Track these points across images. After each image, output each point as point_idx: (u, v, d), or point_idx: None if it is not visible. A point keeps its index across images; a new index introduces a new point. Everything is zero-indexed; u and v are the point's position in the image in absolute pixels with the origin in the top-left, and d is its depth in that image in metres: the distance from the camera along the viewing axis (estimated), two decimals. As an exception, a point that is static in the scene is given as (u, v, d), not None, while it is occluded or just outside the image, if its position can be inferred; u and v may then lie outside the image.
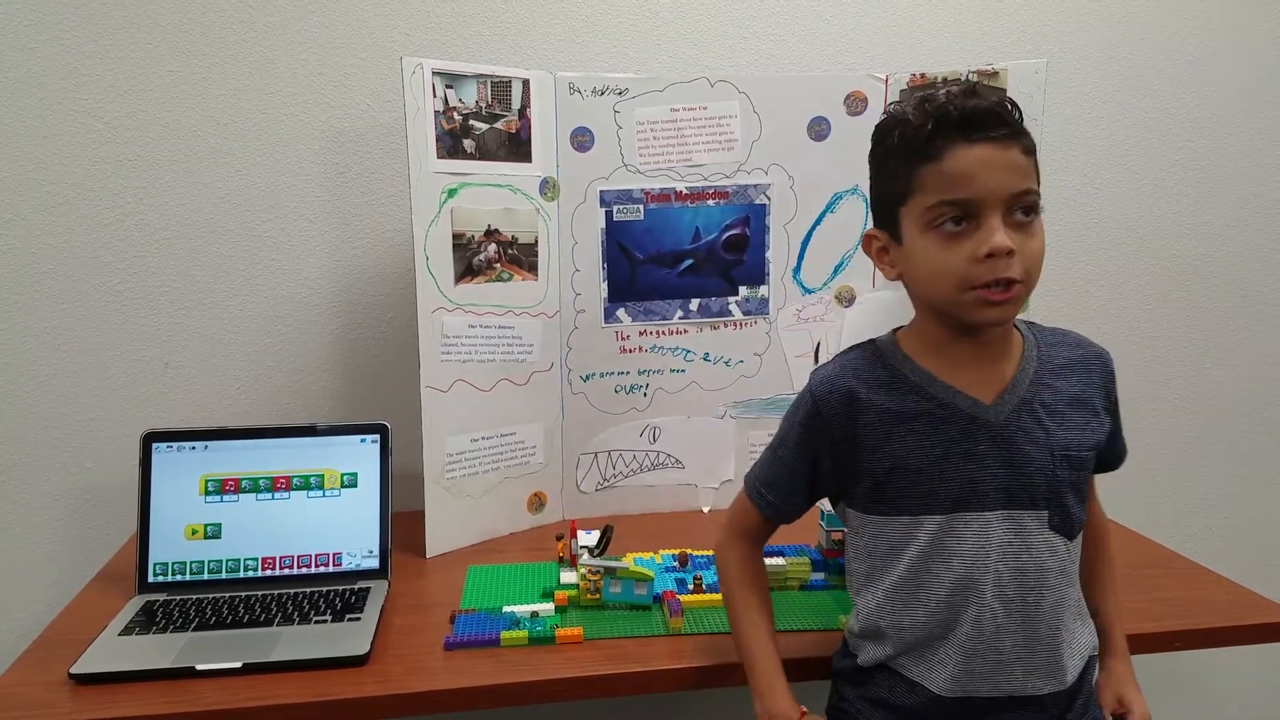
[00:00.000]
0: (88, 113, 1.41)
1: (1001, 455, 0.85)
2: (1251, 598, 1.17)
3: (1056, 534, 0.87)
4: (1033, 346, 0.90)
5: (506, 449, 1.40)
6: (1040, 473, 0.86)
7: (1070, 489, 0.88)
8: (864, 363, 0.91)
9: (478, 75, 1.30)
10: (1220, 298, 1.77)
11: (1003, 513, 0.86)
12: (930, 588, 0.87)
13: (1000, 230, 0.79)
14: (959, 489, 0.86)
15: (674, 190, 1.42)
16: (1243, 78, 1.70)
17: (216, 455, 1.22)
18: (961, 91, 0.81)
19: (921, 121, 0.81)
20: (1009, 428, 0.86)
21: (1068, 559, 0.88)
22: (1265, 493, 1.85)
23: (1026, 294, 0.82)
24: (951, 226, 0.80)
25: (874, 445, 0.88)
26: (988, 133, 0.79)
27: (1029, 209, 0.81)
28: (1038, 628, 0.86)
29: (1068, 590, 0.89)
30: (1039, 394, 0.88)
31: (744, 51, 1.56)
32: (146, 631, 1.07)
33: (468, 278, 1.33)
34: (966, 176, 0.79)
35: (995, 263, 0.79)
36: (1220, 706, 1.88)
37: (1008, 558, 0.86)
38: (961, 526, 0.86)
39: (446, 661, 1.03)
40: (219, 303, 1.49)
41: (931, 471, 0.86)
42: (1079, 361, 0.91)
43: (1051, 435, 0.87)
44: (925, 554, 0.87)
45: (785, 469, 0.94)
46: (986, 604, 0.85)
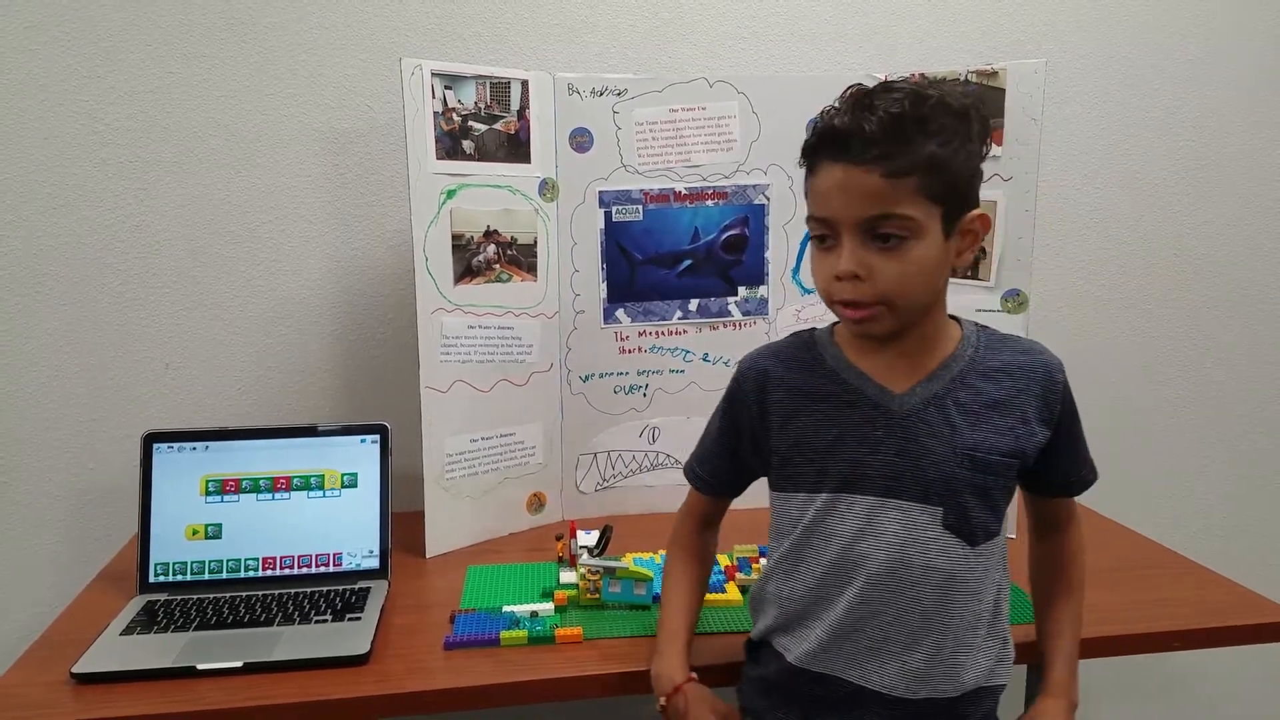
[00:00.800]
0: (88, 114, 1.41)
1: (897, 444, 0.86)
2: (1251, 598, 1.18)
3: (952, 535, 0.86)
4: (969, 347, 0.89)
5: (506, 449, 1.40)
6: (936, 467, 0.85)
7: (972, 491, 0.86)
8: (791, 347, 0.94)
9: (477, 76, 1.31)
10: (1220, 297, 1.77)
11: (891, 501, 0.86)
12: (809, 562, 0.90)
13: (847, 254, 0.80)
14: (847, 469, 0.87)
15: (673, 191, 1.42)
16: (1243, 77, 1.70)
17: (217, 456, 1.22)
18: (855, 103, 0.80)
19: (813, 132, 0.83)
20: (911, 419, 0.86)
21: (965, 565, 0.86)
22: (1264, 493, 1.85)
23: (891, 314, 0.82)
24: (819, 243, 0.84)
25: (781, 423, 0.91)
26: (849, 155, 0.78)
27: (887, 236, 0.79)
28: (918, 627, 0.86)
29: (964, 599, 0.86)
30: (955, 392, 0.87)
31: (743, 52, 1.57)
32: (148, 631, 1.07)
33: (467, 278, 1.33)
34: (824, 196, 0.81)
35: (843, 284, 0.81)
36: (1220, 707, 1.88)
37: (892, 548, 0.86)
38: (844, 507, 0.87)
39: (446, 661, 1.04)
40: (219, 304, 1.49)
41: (826, 451, 0.88)
42: (1018, 367, 0.88)
43: (958, 433, 0.85)
44: (808, 529, 0.89)
45: (713, 443, 0.99)
46: (862, 588, 0.86)
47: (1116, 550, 1.35)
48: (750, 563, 1.23)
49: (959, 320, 0.91)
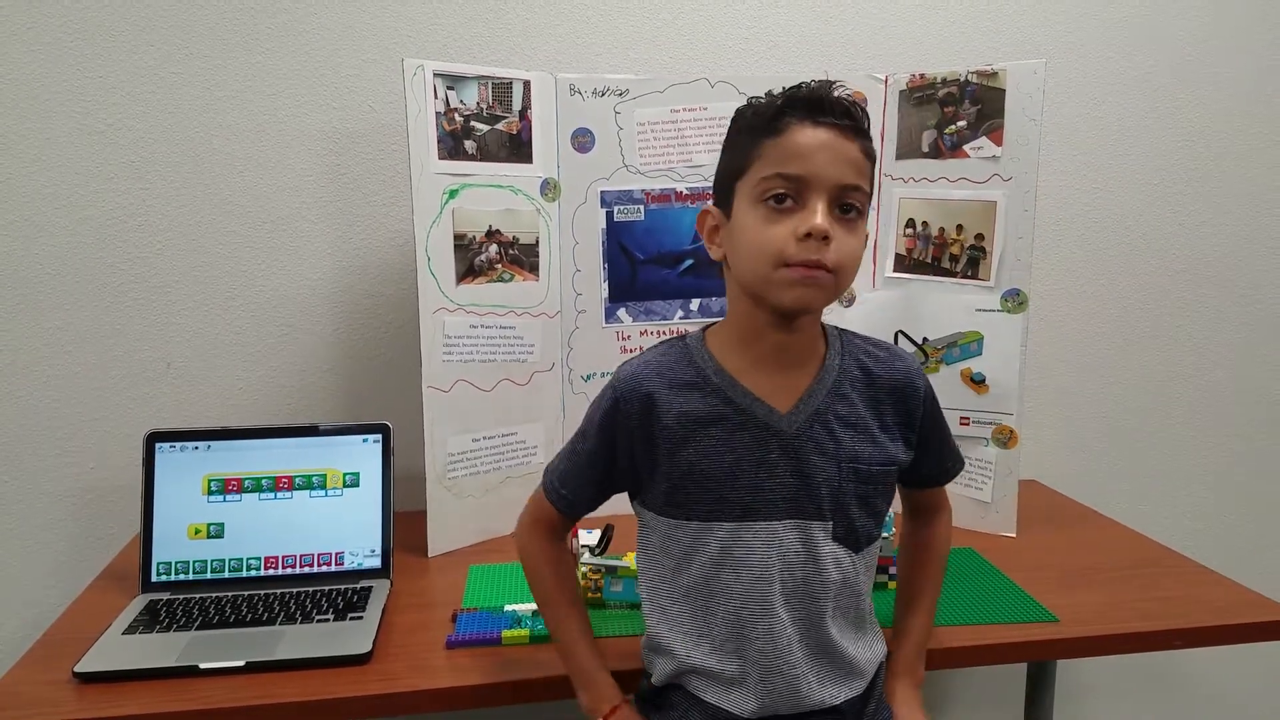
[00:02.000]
0: (90, 115, 1.42)
1: (791, 465, 0.86)
2: (1250, 596, 1.18)
3: (840, 545, 0.87)
4: (835, 355, 0.90)
5: (508, 449, 1.40)
6: (827, 484, 0.86)
7: (857, 502, 0.88)
8: (670, 361, 0.90)
9: (479, 77, 1.31)
10: (1219, 297, 1.77)
11: (790, 522, 0.86)
12: (721, 597, 0.87)
13: (823, 214, 0.80)
14: (749, 497, 0.86)
15: (674, 191, 1.42)
16: (1242, 78, 1.70)
17: (219, 455, 1.23)
18: (820, 82, 0.83)
19: (773, 99, 0.83)
20: (800, 438, 0.86)
21: (852, 571, 0.89)
22: (1264, 492, 1.85)
23: (835, 288, 0.83)
24: (775, 203, 0.81)
25: (671, 449, 0.87)
26: (833, 118, 0.81)
27: (851, 207, 0.82)
28: (825, 638, 0.88)
29: (852, 600, 0.90)
30: (834, 405, 0.87)
31: (744, 53, 1.57)
32: (150, 630, 1.08)
33: (469, 278, 1.33)
34: (802, 154, 0.80)
35: (810, 244, 0.79)
36: (1219, 705, 1.88)
37: (794, 568, 0.86)
38: (750, 535, 0.86)
39: (448, 660, 1.04)
40: (221, 303, 1.50)
41: (723, 478, 0.86)
42: (879, 376, 0.90)
43: (841, 447, 0.87)
44: (716, 561, 0.87)
45: (583, 464, 0.93)
46: (776, 615, 0.86)
47: (1115, 549, 1.35)
48: None
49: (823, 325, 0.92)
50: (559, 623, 0.96)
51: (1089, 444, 1.77)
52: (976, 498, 1.42)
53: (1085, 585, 1.22)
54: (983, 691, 1.78)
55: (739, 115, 0.88)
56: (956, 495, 1.43)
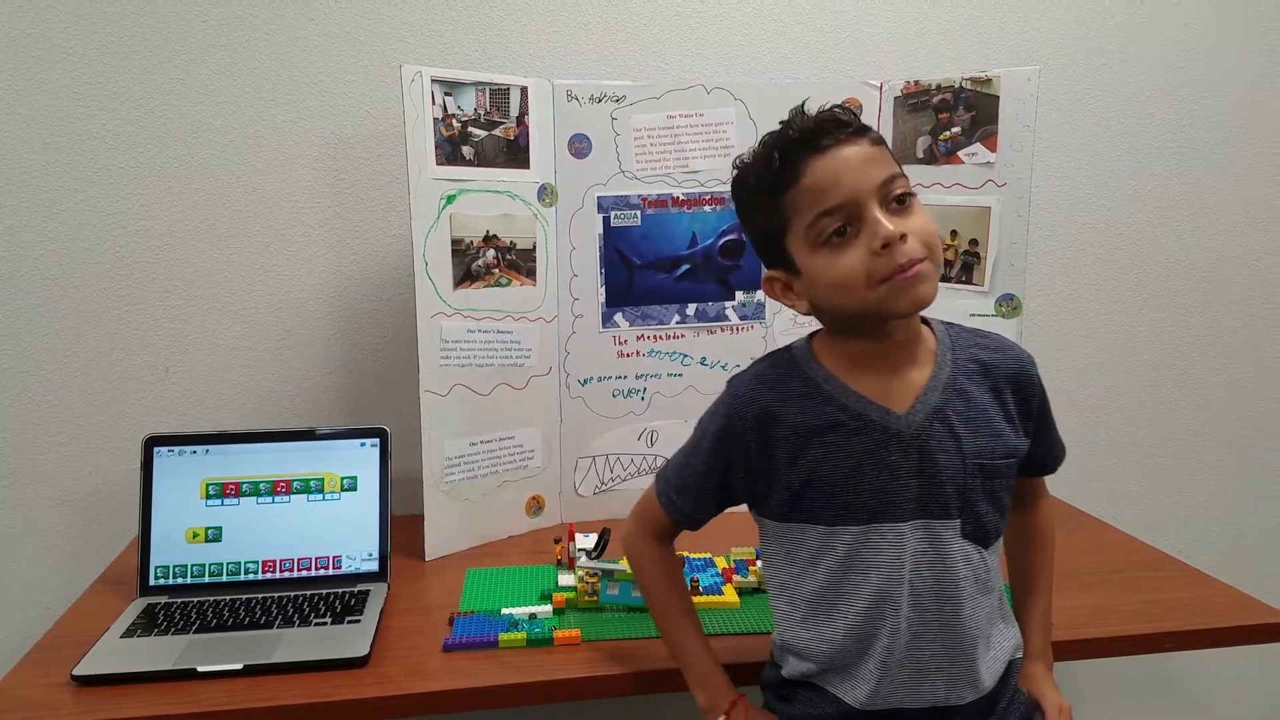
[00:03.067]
0: (89, 120, 1.42)
1: (914, 465, 0.85)
2: (1243, 599, 1.18)
3: (970, 542, 0.87)
4: (946, 350, 0.89)
5: (505, 453, 1.41)
6: (952, 482, 0.85)
7: (984, 497, 0.87)
8: (780, 372, 0.90)
9: (476, 83, 1.32)
10: (1215, 301, 1.78)
11: (917, 522, 0.85)
12: (849, 600, 0.87)
13: (884, 219, 0.79)
14: (874, 500, 0.85)
15: (671, 196, 1.43)
16: (1235, 84, 1.72)
17: (217, 459, 1.23)
18: (790, 120, 0.83)
19: (768, 154, 0.83)
20: (921, 437, 0.85)
21: (982, 567, 0.88)
22: (1258, 496, 1.86)
23: (934, 271, 0.82)
24: (837, 239, 0.81)
25: (789, 459, 0.87)
26: (829, 140, 0.80)
27: (901, 197, 0.81)
28: (955, 637, 0.86)
29: (984, 598, 0.89)
30: (951, 401, 0.87)
31: (740, 59, 1.58)
32: (148, 633, 1.08)
33: (466, 283, 1.34)
34: (831, 183, 0.80)
35: (893, 250, 0.79)
36: (1211, 708, 1.89)
37: (922, 567, 0.85)
38: (878, 538, 0.85)
39: (445, 663, 1.04)
40: (219, 308, 1.50)
41: (846, 484, 0.85)
42: (995, 365, 0.90)
43: (963, 444, 0.86)
44: (843, 565, 0.86)
45: (697, 477, 0.93)
46: (903, 615, 0.85)
47: (1109, 552, 1.36)
48: (747, 565, 1.24)
49: (925, 320, 0.91)
50: (671, 624, 0.97)
51: (1083, 448, 1.78)
52: (972, 501, 1.42)
53: (1080, 589, 1.22)
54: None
55: (740, 183, 0.88)
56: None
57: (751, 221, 0.89)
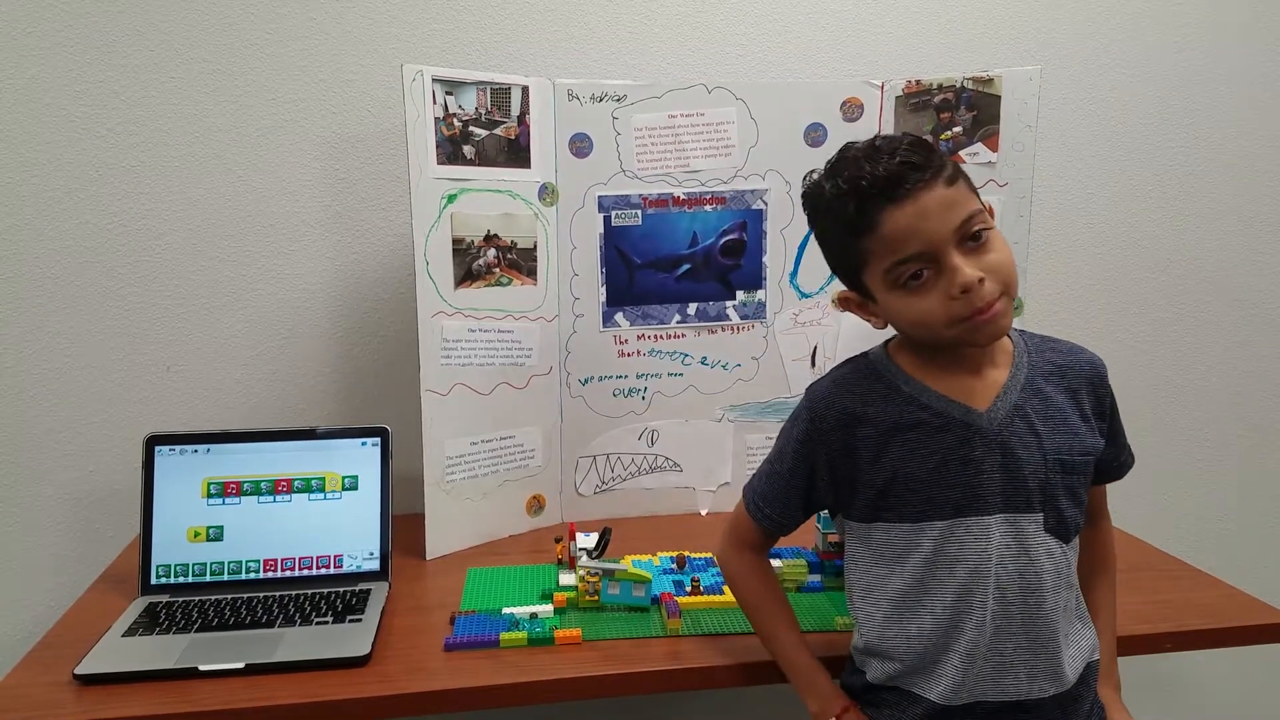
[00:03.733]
0: (90, 118, 1.42)
1: (997, 460, 0.87)
2: (1244, 599, 1.19)
3: (1053, 536, 0.88)
4: (1023, 353, 0.92)
5: (506, 452, 1.41)
6: (1034, 476, 0.87)
7: (1065, 492, 0.89)
8: (859, 376, 0.93)
9: (477, 82, 1.32)
10: (1215, 302, 1.78)
11: (1002, 516, 0.87)
12: (936, 594, 0.88)
13: (962, 266, 0.80)
14: (959, 495, 0.87)
15: (672, 196, 1.43)
16: (1237, 82, 1.71)
17: (218, 458, 1.23)
18: (866, 156, 0.83)
19: (844, 202, 0.83)
20: (1003, 433, 0.87)
21: (1064, 561, 0.90)
22: (1259, 496, 1.86)
23: (1010, 304, 0.84)
24: (914, 282, 0.83)
25: (872, 458, 0.89)
26: (907, 187, 0.80)
27: (978, 234, 0.82)
28: (1038, 630, 0.88)
29: (1065, 592, 0.90)
30: (1029, 400, 0.89)
31: (741, 59, 1.58)
32: (149, 633, 1.08)
33: (467, 282, 1.34)
34: (908, 235, 0.81)
35: (971, 296, 0.81)
36: (1211, 708, 1.89)
37: (1006, 561, 0.87)
38: (963, 531, 0.87)
39: (446, 662, 1.04)
40: (221, 306, 1.50)
41: (930, 479, 0.87)
42: (1070, 367, 0.93)
43: (1044, 440, 0.88)
44: (930, 560, 0.88)
45: (783, 484, 0.95)
46: (989, 608, 0.86)
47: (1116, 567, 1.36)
48: None
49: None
50: (774, 633, 0.99)
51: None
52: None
53: (1080, 588, 1.22)
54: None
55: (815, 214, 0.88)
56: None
57: (826, 249, 0.91)
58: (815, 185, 0.88)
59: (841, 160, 0.85)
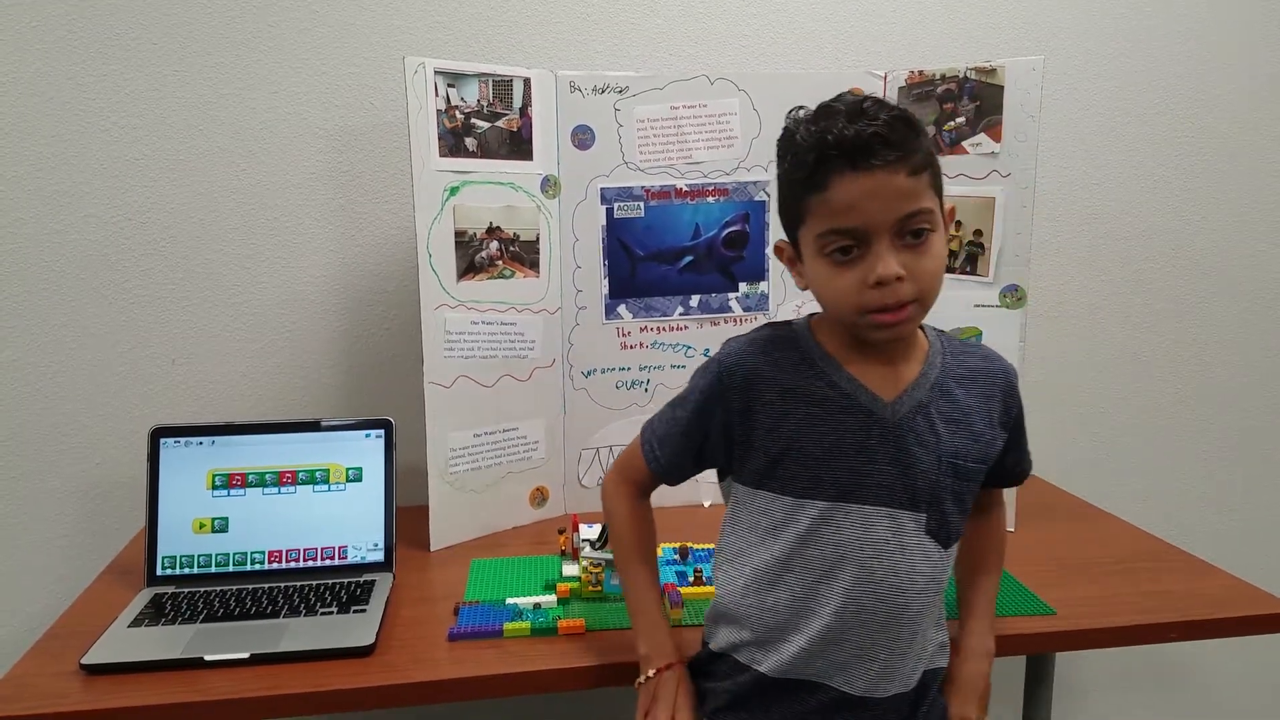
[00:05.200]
0: (94, 113, 1.43)
1: (891, 453, 0.86)
2: (1245, 589, 1.19)
3: (932, 539, 0.88)
4: (938, 354, 0.91)
5: (509, 444, 1.41)
6: (925, 476, 0.87)
7: (951, 497, 0.88)
8: (776, 341, 0.91)
9: (479, 74, 1.32)
10: (1217, 292, 1.78)
11: (884, 509, 0.86)
12: (800, 572, 0.87)
13: (887, 257, 0.79)
14: (846, 479, 0.86)
15: (674, 187, 1.43)
16: (1242, 73, 1.71)
17: (223, 450, 1.24)
18: (848, 114, 0.80)
19: (807, 150, 0.81)
20: (902, 427, 0.87)
21: (940, 567, 0.89)
22: (1260, 485, 1.85)
23: (922, 312, 0.83)
24: (840, 256, 0.81)
25: (771, 424, 0.88)
26: (871, 160, 0.78)
27: (919, 232, 0.81)
28: (897, 630, 0.87)
29: (934, 598, 0.90)
30: (936, 400, 0.88)
31: (744, 49, 1.57)
32: (155, 623, 1.09)
33: (470, 275, 1.34)
34: (851, 207, 0.79)
35: (885, 289, 0.80)
36: (1213, 697, 1.89)
37: (882, 555, 0.86)
38: (842, 516, 0.86)
39: (450, 652, 1.05)
40: (224, 300, 1.51)
41: (822, 457, 0.87)
42: (983, 374, 0.92)
43: (941, 442, 0.87)
44: (804, 538, 0.87)
45: (680, 430, 0.94)
46: (852, 597, 0.86)
47: (1113, 543, 1.36)
48: None
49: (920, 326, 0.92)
50: (631, 572, 0.99)
51: (1087, 439, 1.78)
52: (975, 492, 1.42)
53: (1082, 579, 1.22)
54: (982, 685, 1.79)
55: (781, 157, 0.86)
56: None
57: (779, 194, 0.89)
58: (792, 124, 0.85)
59: (826, 108, 0.82)
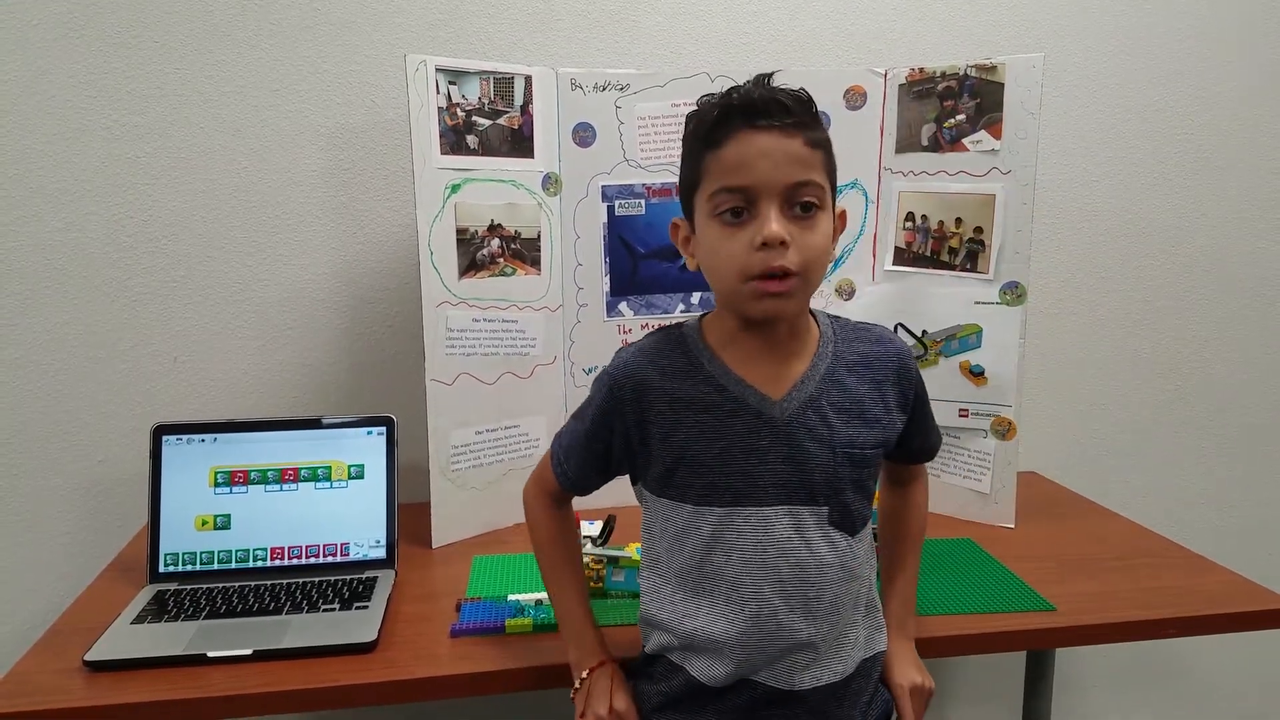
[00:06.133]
0: (96, 111, 1.43)
1: (783, 452, 0.86)
2: (1244, 585, 1.19)
3: (837, 530, 0.88)
4: (829, 342, 0.91)
5: (510, 441, 1.41)
6: (821, 470, 0.87)
7: (851, 486, 0.88)
8: (665, 348, 0.91)
9: (481, 72, 1.32)
10: (1218, 289, 1.78)
11: (782, 508, 0.86)
12: (712, 579, 0.88)
13: (774, 220, 0.79)
14: (740, 483, 0.86)
15: (675, 185, 1.43)
16: (1243, 70, 1.71)
17: (225, 447, 1.24)
18: (754, 81, 0.83)
19: (710, 110, 0.82)
20: (792, 425, 0.86)
21: (849, 554, 0.89)
22: (1260, 482, 1.86)
23: (805, 288, 0.83)
24: (730, 217, 0.81)
25: (664, 434, 0.88)
26: (770, 120, 0.79)
27: (807, 205, 0.81)
28: (817, 623, 0.87)
29: (849, 585, 0.90)
30: (827, 392, 0.88)
31: (744, 47, 1.58)
32: (158, 620, 1.09)
33: (471, 272, 1.34)
34: (744, 164, 0.80)
35: (770, 253, 0.79)
36: (1212, 693, 1.89)
37: (788, 553, 0.86)
38: (741, 520, 0.87)
39: (452, 648, 1.05)
40: (226, 298, 1.51)
41: (714, 464, 0.87)
42: (875, 359, 0.91)
43: (835, 433, 0.87)
44: (708, 545, 0.87)
45: (581, 444, 0.94)
46: (766, 599, 0.86)
47: (1113, 539, 1.36)
48: None
49: (812, 312, 0.92)
50: (555, 581, 1.00)
51: (1087, 435, 1.78)
52: (975, 489, 1.43)
53: (1083, 575, 1.23)
54: (982, 683, 1.79)
55: (687, 122, 0.87)
56: (956, 487, 1.45)
57: (681, 162, 0.89)
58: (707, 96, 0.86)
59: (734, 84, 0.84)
